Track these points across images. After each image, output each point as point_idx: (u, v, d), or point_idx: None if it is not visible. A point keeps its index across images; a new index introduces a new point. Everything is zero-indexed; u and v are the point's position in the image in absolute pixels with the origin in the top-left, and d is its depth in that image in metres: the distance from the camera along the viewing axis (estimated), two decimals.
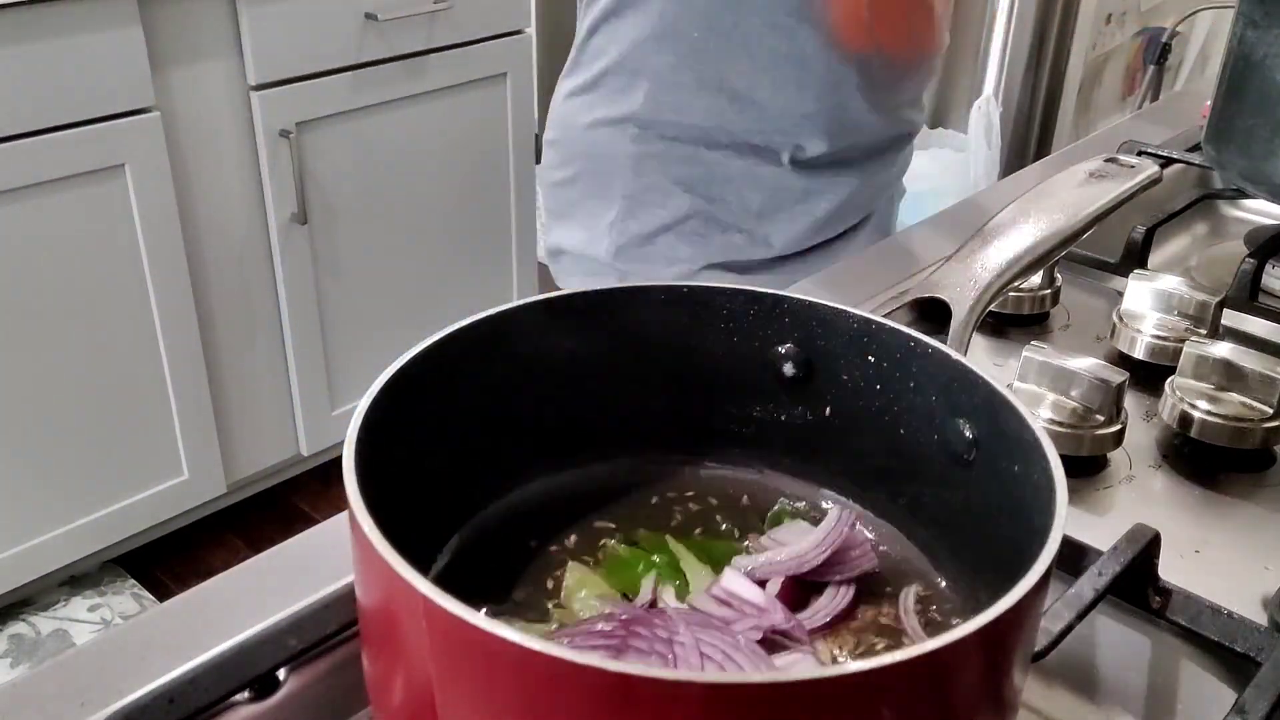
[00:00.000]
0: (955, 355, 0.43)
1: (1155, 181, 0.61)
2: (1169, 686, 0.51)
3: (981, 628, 0.31)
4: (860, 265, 0.85)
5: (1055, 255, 0.53)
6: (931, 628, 0.43)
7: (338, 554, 0.54)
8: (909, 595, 0.44)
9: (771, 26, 0.89)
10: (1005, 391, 0.41)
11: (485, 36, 1.99)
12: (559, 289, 0.63)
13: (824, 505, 0.49)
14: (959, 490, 0.44)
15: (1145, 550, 0.48)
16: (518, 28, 2.05)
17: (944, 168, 2.89)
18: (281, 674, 0.46)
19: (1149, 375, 0.67)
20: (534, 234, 2.26)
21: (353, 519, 0.34)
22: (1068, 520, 0.36)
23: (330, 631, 0.46)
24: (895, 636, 0.43)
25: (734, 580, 0.41)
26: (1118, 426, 0.59)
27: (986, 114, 2.89)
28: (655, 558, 0.45)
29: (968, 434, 0.43)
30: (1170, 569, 0.50)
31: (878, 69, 0.95)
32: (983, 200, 0.97)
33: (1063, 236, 0.53)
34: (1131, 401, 0.65)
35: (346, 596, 0.48)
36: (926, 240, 0.88)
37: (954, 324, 0.47)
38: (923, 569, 0.46)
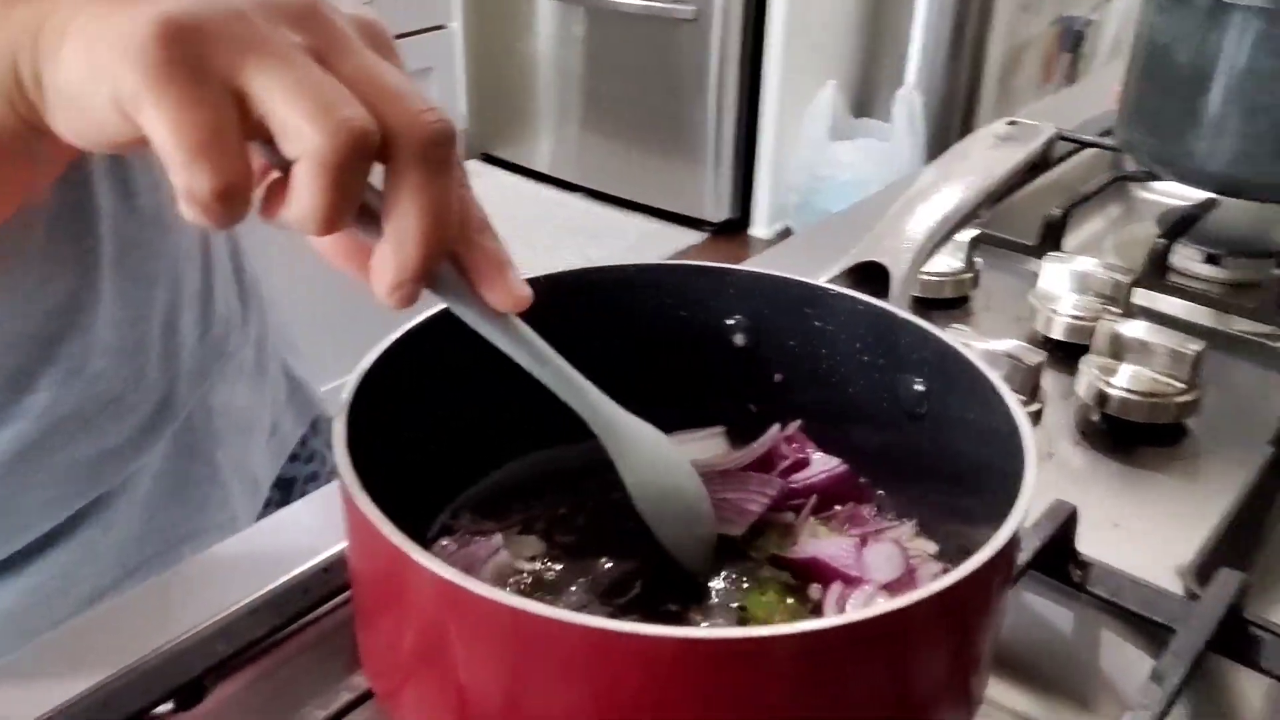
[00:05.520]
0: (903, 313, 0.44)
1: (1053, 140, 0.63)
2: (1090, 657, 0.52)
3: (983, 564, 0.32)
4: (792, 249, 0.86)
5: (976, 215, 0.55)
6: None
7: (266, 557, 0.54)
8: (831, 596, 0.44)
9: None
10: (957, 344, 0.42)
11: (407, 32, 1.97)
12: None
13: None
14: (915, 444, 0.45)
15: (1064, 525, 0.49)
16: (439, 23, 2.03)
17: (868, 156, 2.93)
18: (208, 682, 0.45)
19: (1067, 354, 0.68)
20: None
21: (345, 492, 0.34)
22: None
23: (259, 635, 0.46)
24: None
25: None
26: (1036, 405, 0.60)
27: (909, 103, 2.93)
28: None
29: (918, 387, 0.44)
30: (1089, 543, 0.51)
31: None
32: (906, 186, 0.98)
33: (982, 196, 0.55)
34: (1050, 380, 0.66)
35: (274, 600, 0.48)
36: (851, 226, 0.89)
37: (894, 284, 0.49)
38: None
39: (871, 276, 0.51)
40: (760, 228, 3.16)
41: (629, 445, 0.42)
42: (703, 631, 0.30)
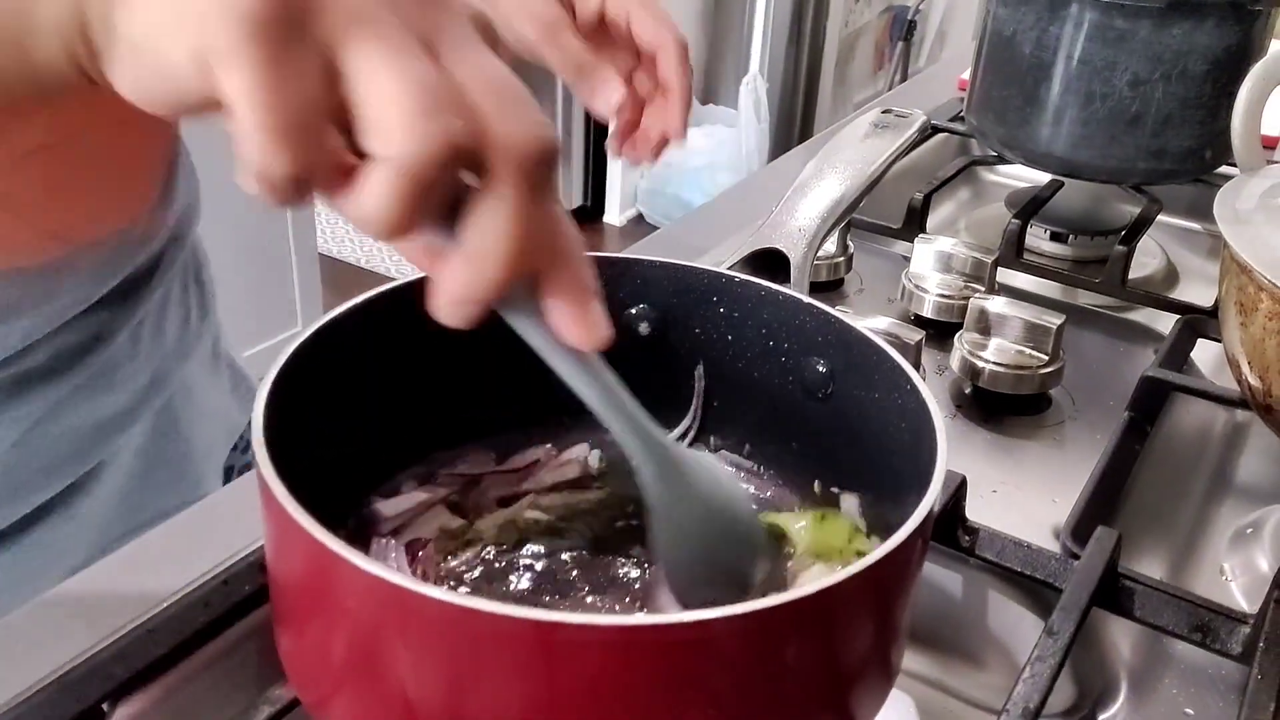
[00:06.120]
0: (807, 299, 0.45)
1: (926, 129, 0.66)
2: (979, 617, 0.55)
3: (909, 534, 0.33)
4: (664, 240, 0.87)
5: (861, 200, 0.58)
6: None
7: (155, 573, 0.51)
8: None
9: None
10: (861, 327, 0.44)
11: None
12: None
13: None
14: (818, 424, 0.46)
15: (955, 494, 0.52)
16: None
17: (718, 143, 2.98)
18: (107, 707, 0.43)
19: (939, 331, 0.72)
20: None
21: (270, 497, 0.33)
22: None
23: (160, 655, 0.44)
24: None
25: None
26: None
27: (754, 90, 3.00)
28: None
29: (822, 370, 0.46)
30: (973, 509, 0.54)
31: None
32: (770, 175, 1.01)
33: (866, 183, 0.57)
34: (925, 356, 0.69)
35: (173, 616, 0.46)
36: (719, 216, 0.91)
37: (794, 270, 0.50)
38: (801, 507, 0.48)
39: (766, 264, 0.52)
40: (614, 215, 3.18)
41: (689, 483, 0.39)
42: (645, 619, 0.30)
